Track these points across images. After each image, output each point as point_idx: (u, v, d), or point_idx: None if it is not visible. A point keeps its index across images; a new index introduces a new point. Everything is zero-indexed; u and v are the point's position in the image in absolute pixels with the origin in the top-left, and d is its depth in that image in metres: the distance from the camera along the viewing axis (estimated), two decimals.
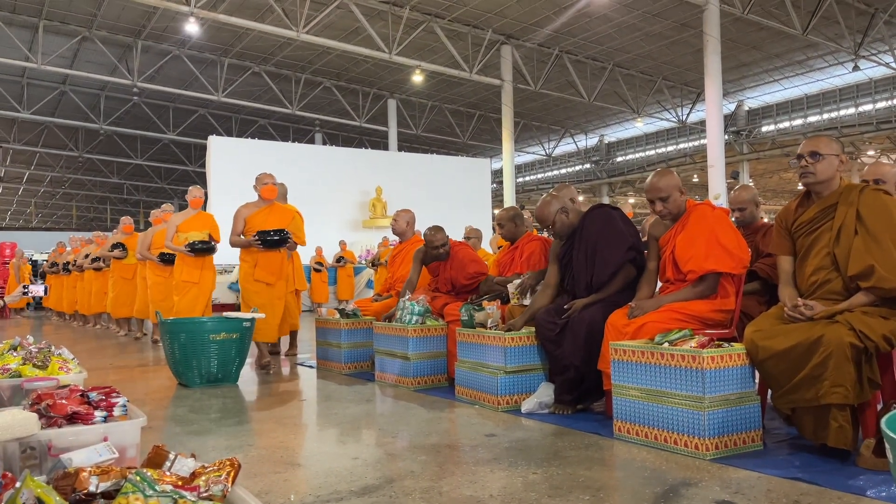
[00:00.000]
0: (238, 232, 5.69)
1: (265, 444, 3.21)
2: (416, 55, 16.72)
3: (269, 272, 5.62)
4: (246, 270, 5.68)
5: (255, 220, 5.69)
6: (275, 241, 5.57)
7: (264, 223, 5.67)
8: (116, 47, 17.23)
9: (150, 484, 1.36)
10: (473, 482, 2.50)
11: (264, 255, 5.63)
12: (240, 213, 5.72)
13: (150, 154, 26.70)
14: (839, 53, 17.78)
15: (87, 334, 10.20)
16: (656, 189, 3.48)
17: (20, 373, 3.15)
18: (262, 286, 5.63)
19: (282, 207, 5.92)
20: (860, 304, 2.73)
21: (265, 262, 5.63)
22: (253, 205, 5.78)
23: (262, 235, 5.53)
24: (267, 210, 5.77)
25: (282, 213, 5.87)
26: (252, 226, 5.67)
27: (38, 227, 37.51)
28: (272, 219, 5.73)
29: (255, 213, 5.72)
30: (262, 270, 5.60)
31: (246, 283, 5.68)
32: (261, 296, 5.62)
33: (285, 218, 5.85)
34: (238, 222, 5.70)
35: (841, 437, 2.59)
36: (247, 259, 5.68)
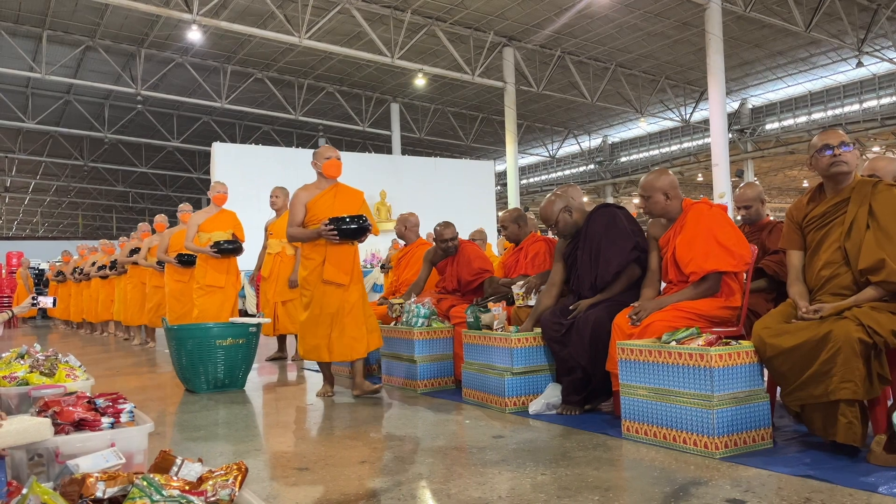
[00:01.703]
0: (298, 222, 4.53)
1: (272, 449, 3.20)
2: (418, 59, 16.74)
3: (341, 270, 4.45)
4: (311, 270, 4.49)
5: (320, 205, 4.51)
6: (352, 231, 4.38)
7: (331, 209, 4.51)
8: (120, 56, 17.30)
9: (157, 489, 1.35)
10: (482, 484, 2.49)
11: (335, 249, 4.45)
12: (298, 199, 4.55)
13: (155, 162, 26.78)
14: (842, 50, 17.73)
15: (94, 342, 10.22)
16: (641, 187, 3.59)
17: (28, 381, 3.16)
18: (332, 290, 4.42)
19: (348, 188, 4.70)
20: (868, 298, 2.71)
21: (337, 258, 4.44)
22: (312, 186, 4.61)
23: (336, 223, 4.36)
24: (332, 192, 4.58)
25: (350, 196, 4.65)
26: (316, 213, 4.49)
27: (45, 237, 37.65)
28: (340, 202, 4.57)
29: (317, 196, 4.54)
30: (332, 268, 4.42)
31: (309, 286, 4.48)
32: (330, 300, 4.43)
33: (355, 201, 4.64)
34: (297, 210, 4.53)
35: (851, 434, 2.57)
36: (312, 255, 4.49)
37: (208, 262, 6.29)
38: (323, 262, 4.44)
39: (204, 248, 6.27)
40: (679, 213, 3.48)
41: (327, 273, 4.41)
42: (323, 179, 4.64)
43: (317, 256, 4.47)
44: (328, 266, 4.42)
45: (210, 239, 6.30)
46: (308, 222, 4.52)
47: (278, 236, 6.58)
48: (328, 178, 4.63)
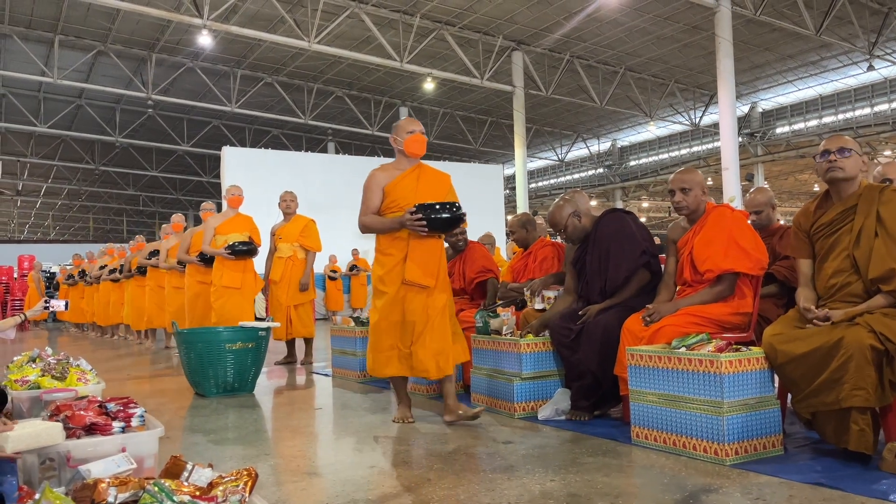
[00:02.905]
0: (373, 209, 3.76)
1: (282, 454, 3.21)
2: (427, 63, 16.77)
3: (426, 270, 3.69)
4: (388, 268, 3.72)
5: (401, 189, 3.75)
6: (445, 221, 3.61)
7: (415, 193, 3.71)
8: (131, 61, 17.42)
9: (167, 494, 1.36)
10: (490, 490, 2.48)
11: (420, 244, 3.69)
12: (374, 181, 3.78)
13: (165, 166, 26.92)
14: (853, 53, 17.64)
15: (104, 345, 10.27)
16: (680, 180, 3.50)
17: (39, 384, 3.17)
18: (414, 293, 3.70)
19: (434, 170, 3.97)
20: (880, 306, 2.69)
21: (421, 255, 3.69)
22: (391, 167, 3.85)
23: (424, 211, 3.55)
24: (415, 173, 3.81)
25: (437, 179, 3.90)
26: (396, 198, 3.73)
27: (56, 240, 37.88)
28: (425, 186, 3.78)
29: (397, 178, 3.77)
30: (415, 267, 3.66)
31: (386, 288, 3.73)
32: (413, 305, 3.68)
33: (442, 185, 3.88)
34: (372, 194, 3.77)
35: (862, 441, 2.56)
36: (390, 250, 3.73)
37: (224, 263, 6.28)
38: (404, 259, 3.67)
39: (219, 250, 6.27)
40: (702, 214, 3.49)
41: (410, 272, 3.65)
42: (404, 158, 3.83)
43: (396, 252, 3.70)
44: (410, 264, 3.65)
45: (226, 241, 6.30)
46: (385, 210, 3.74)
47: (288, 240, 6.60)
48: (410, 156, 3.81)
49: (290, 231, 6.64)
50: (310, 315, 6.70)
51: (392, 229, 3.69)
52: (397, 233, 3.69)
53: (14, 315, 4.23)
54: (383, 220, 3.71)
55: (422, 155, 3.83)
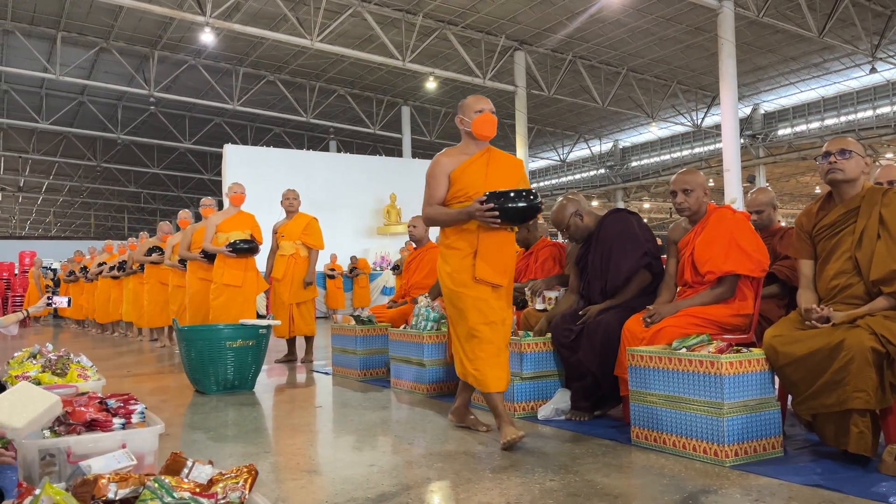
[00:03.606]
0: (439, 198, 3.37)
1: (282, 451, 3.21)
2: (429, 62, 16.77)
3: (496, 268, 3.30)
4: (456, 265, 3.32)
5: (469, 175, 3.35)
6: (520, 211, 3.19)
7: (485, 181, 3.32)
8: (133, 58, 17.43)
9: (168, 491, 1.36)
10: (490, 489, 2.48)
11: (491, 237, 3.30)
12: (439, 167, 3.38)
13: (167, 163, 26.94)
14: (856, 56, 17.63)
15: (104, 342, 10.28)
16: (682, 181, 3.49)
17: (40, 380, 3.18)
18: (485, 292, 3.28)
19: (505, 154, 3.57)
20: (881, 308, 2.69)
21: (492, 250, 3.30)
22: (456, 151, 3.44)
23: (497, 200, 3.14)
24: (484, 158, 3.40)
25: (508, 164, 3.49)
26: (463, 186, 3.33)
27: (58, 236, 37.92)
28: (495, 173, 3.38)
29: (465, 164, 3.37)
30: (485, 264, 3.27)
31: (458, 286, 3.30)
32: (485, 307, 3.27)
33: (515, 171, 3.48)
34: (438, 182, 3.37)
35: (862, 443, 2.56)
36: (458, 244, 3.34)
37: (226, 261, 6.26)
38: (473, 255, 3.28)
39: (220, 247, 6.26)
40: (704, 215, 3.49)
41: (480, 270, 3.24)
42: (471, 141, 3.41)
43: (465, 246, 3.29)
44: (480, 261, 3.26)
45: (228, 239, 6.28)
46: (452, 199, 3.34)
47: (290, 238, 6.60)
48: (479, 138, 3.38)
49: (293, 229, 6.64)
50: (311, 313, 6.71)
51: (460, 221, 3.28)
52: (465, 225, 3.29)
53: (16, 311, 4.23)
54: (449, 212, 3.31)
55: (492, 137, 3.39)
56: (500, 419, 3.20)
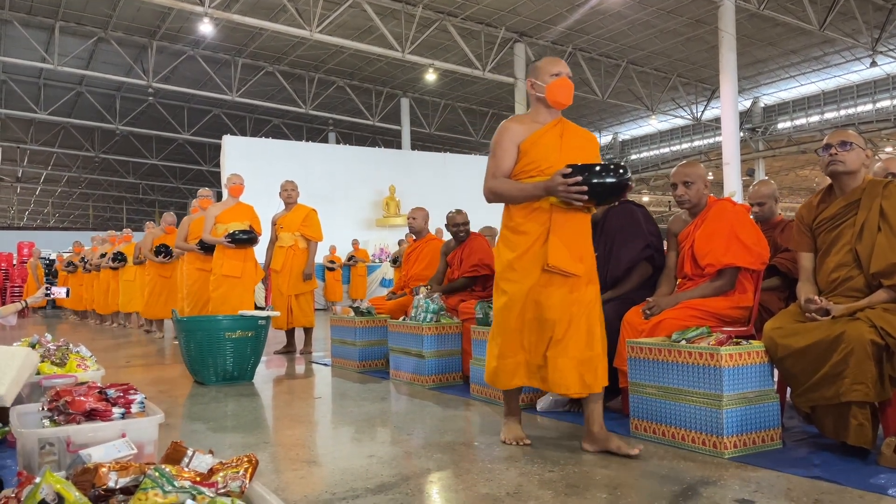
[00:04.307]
0: (505, 170, 2.95)
1: (281, 442, 3.22)
2: (428, 54, 16.72)
3: (572, 253, 2.87)
4: (521, 250, 2.91)
5: (542, 146, 2.92)
6: (609, 187, 2.78)
7: (558, 153, 2.91)
8: (132, 48, 17.36)
9: (168, 480, 1.36)
10: (489, 480, 2.49)
11: (566, 218, 2.87)
12: (508, 135, 2.97)
13: (166, 154, 26.87)
14: (856, 49, 17.59)
15: (104, 332, 10.28)
16: (683, 174, 3.49)
17: (39, 370, 3.17)
18: (557, 283, 2.88)
19: (577, 127, 3.09)
20: (881, 301, 2.69)
21: (568, 233, 2.87)
22: (527, 119, 3.03)
23: (584, 173, 2.72)
24: (558, 129, 2.98)
25: (583, 137, 3.05)
26: (535, 158, 2.90)
27: (56, 227, 37.88)
28: (570, 145, 2.95)
29: (536, 133, 2.94)
30: (560, 249, 2.84)
31: (516, 274, 2.92)
32: (552, 300, 2.87)
33: (590, 145, 3.06)
34: (505, 151, 2.96)
35: (861, 436, 2.56)
36: (526, 227, 2.90)
37: (225, 252, 6.26)
38: (545, 238, 2.85)
39: (219, 238, 6.26)
40: (704, 207, 3.49)
41: (554, 255, 2.81)
42: (543, 108, 2.99)
43: (534, 228, 2.87)
44: (554, 245, 2.82)
45: (227, 230, 6.28)
46: (520, 173, 2.92)
47: (289, 229, 6.59)
48: (554, 105, 2.96)
49: (292, 220, 6.63)
50: (310, 305, 6.70)
51: (532, 198, 2.85)
52: (536, 203, 2.86)
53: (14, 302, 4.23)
54: (522, 186, 2.87)
55: (568, 105, 2.98)
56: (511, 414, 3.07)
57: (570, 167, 2.73)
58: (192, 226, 7.21)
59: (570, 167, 2.73)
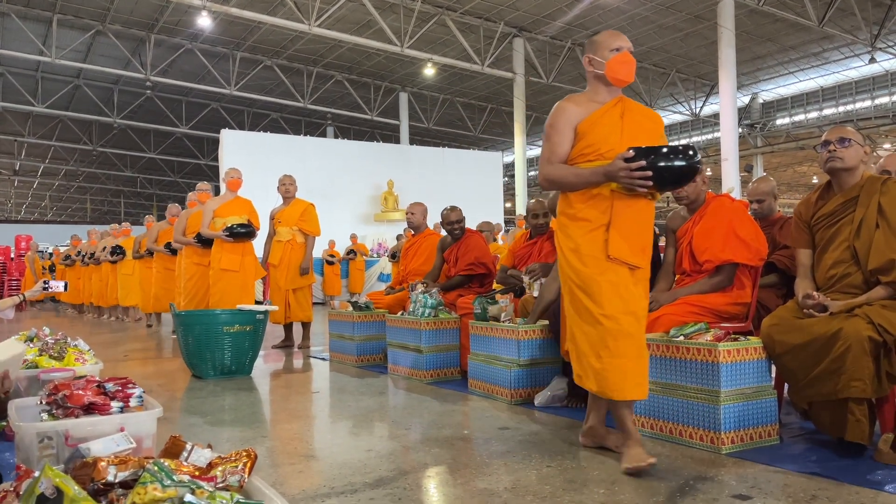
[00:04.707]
0: (562, 155, 2.70)
1: (279, 436, 3.22)
2: (427, 48, 16.68)
3: (633, 244, 2.64)
4: (583, 240, 2.64)
5: (600, 128, 2.66)
6: (678, 172, 2.54)
7: (620, 136, 2.65)
8: (130, 41, 17.30)
9: (167, 474, 1.36)
10: (487, 475, 2.49)
11: (628, 205, 2.63)
12: (565, 116, 2.70)
13: (163, 148, 26.82)
14: (855, 45, 17.60)
15: (101, 326, 10.27)
16: None
17: (37, 364, 3.18)
18: (623, 274, 2.62)
19: (640, 106, 2.82)
20: (879, 297, 2.70)
21: (629, 223, 2.64)
22: (583, 98, 2.76)
23: (648, 156, 2.49)
24: (618, 108, 2.72)
25: (646, 117, 2.79)
26: (593, 141, 2.65)
27: (53, 221, 37.82)
28: (631, 126, 2.69)
29: (595, 114, 2.69)
30: (620, 239, 2.60)
31: (588, 266, 2.62)
32: (626, 293, 2.61)
33: (655, 126, 2.80)
34: (561, 133, 2.70)
35: (858, 432, 2.57)
36: (586, 214, 2.65)
37: (223, 246, 6.27)
38: (606, 227, 2.62)
39: (217, 232, 6.26)
40: (702, 204, 3.49)
41: (615, 246, 2.60)
42: (601, 86, 2.75)
43: (594, 215, 2.63)
44: (615, 235, 2.61)
45: (225, 224, 6.28)
46: (578, 157, 2.67)
47: (287, 224, 6.59)
48: (614, 83, 2.72)
49: (290, 215, 6.63)
50: (308, 299, 6.70)
51: (592, 184, 2.62)
52: (596, 189, 2.63)
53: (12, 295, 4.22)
54: (579, 171, 2.64)
55: (629, 83, 2.74)
56: (627, 435, 2.63)
57: (633, 150, 2.49)
58: (191, 220, 7.19)
59: (632, 150, 2.50)
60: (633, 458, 2.51)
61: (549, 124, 2.73)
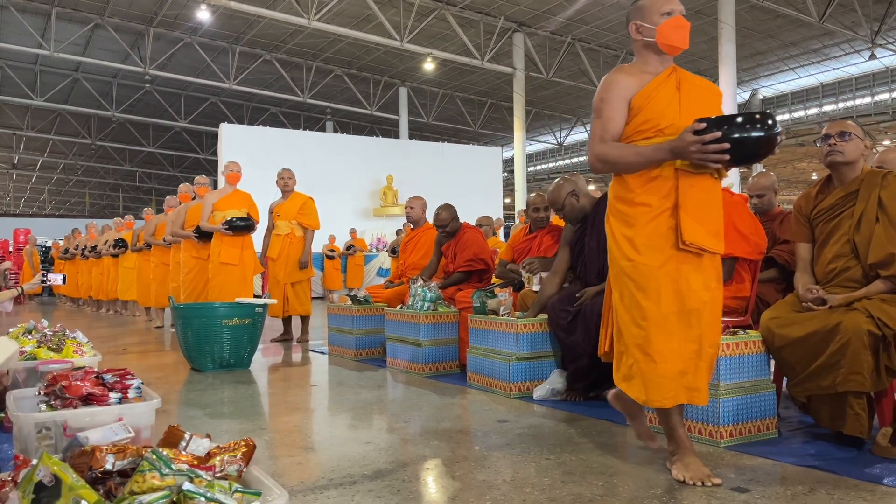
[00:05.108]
0: (616, 132, 2.41)
1: (278, 429, 3.22)
2: (427, 43, 16.65)
3: (708, 228, 2.38)
4: (643, 228, 2.36)
5: (657, 100, 2.38)
6: (756, 144, 2.26)
7: (678, 109, 2.38)
8: (129, 34, 17.25)
9: (166, 462, 1.36)
10: (486, 467, 2.49)
11: (695, 185, 2.36)
12: (617, 88, 2.41)
13: (162, 142, 26.78)
14: (855, 42, 17.58)
15: (100, 319, 10.27)
16: None
17: (35, 355, 3.17)
18: (684, 266, 2.36)
19: (693, 76, 2.52)
20: (878, 291, 2.70)
21: (700, 204, 2.36)
22: (635, 70, 2.46)
23: (722, 126, 2.21)
24: (672, 79, 2.44)
25: (704, 89, 2.50)
26: (650, 114, 2.37)
27: (52, 214, 37.76)
28: (689, 98, 2.41)
29: (650, 86, 2.39)
30: (694, 223, 2.33)
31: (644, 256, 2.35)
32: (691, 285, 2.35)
33: (713, 97, 2.50)
34: (614, 110, 2.41)
35: (857, 426, 2.57)
36: (645, 197, 2.37)
37: (223, 239, 6.27)
38: (672, 211, 2.34)
39: (216, 226, 6.27)
40: None
41: (689, 230, 2.31)
42: (653, 55, 2.45)
43: (655, 200, 2.35)
44: (686, 218, 2.32)
45: (224, 217, 6.29)
46: (633, 134, 2.39)
47: (285, 217, 6.58)
48: (665, 50, 2.43)
49: (289, 209, 6.62)
50: (306, 293, 6.70)
51: (654, 162, 2.33)
52: (656, 170, 2.35)
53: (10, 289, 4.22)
54: (641, 150, 2.34)
55: (684, 49, 2.44)
56: (679, 446, 2.38)
57: (704, 121, 2.22)
58: (189, 214, 7.20)
59: (702, 121, 2.22)
60: (690, 467, 2.31)
61: (600, 98, 2.43)
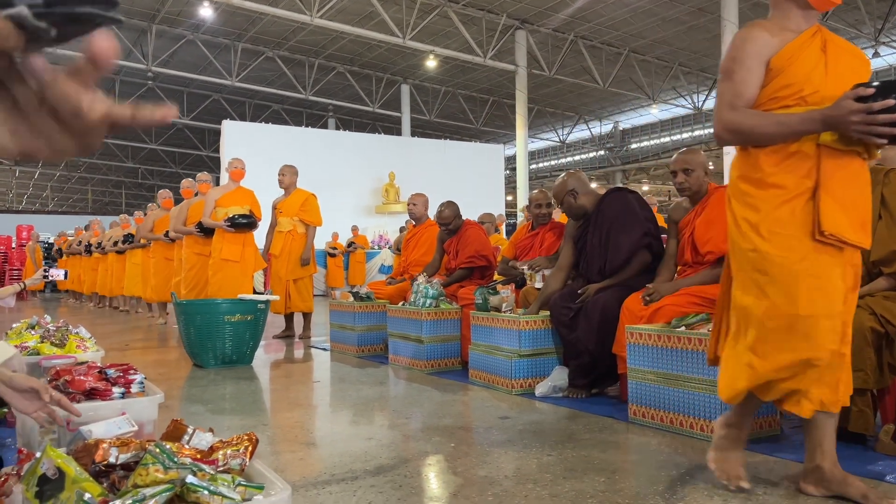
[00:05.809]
0: (750, 97, 2.05)
1: (280, 424, 3.22)
2: (429, 40, 16.64)
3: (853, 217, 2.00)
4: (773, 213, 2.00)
5: (801, 63, 2.02)
6: None
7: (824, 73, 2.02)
8: (131, 31, 17.26)
9: (169, 456, 1.36)
10: (487, 463, 2.50)
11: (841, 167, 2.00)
12: (753, 46, 2.04)
13: (165, 139, 26.80)
14: (859, 40, 17.53)
15: (103, 315, 10.29)
16: (683, 161, 3.48)
17: (39, 351, 3.18)
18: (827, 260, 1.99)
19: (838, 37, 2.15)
20: (881, 289, 2.70)
21: (846, 189, 1.99)
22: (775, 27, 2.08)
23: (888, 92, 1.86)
24: (818, 38, 2.06)
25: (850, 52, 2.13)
26: (792, 78, 2.01)
27: (55, 211, 37.81)
28: (836, 62, 2.05)
29: (792, 46, 2.03)
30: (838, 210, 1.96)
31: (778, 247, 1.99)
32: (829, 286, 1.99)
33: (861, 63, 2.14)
34: (748, 71, 2.05)
35: (860, 422, 2.57)
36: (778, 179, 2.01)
37: (224, 236, 6.27)
38: (811, 194, 1.98)
39: (219, 222, 6.27)
40: (704, 195, 3.49)
41: (829, 219, 1.95)
42: (795, 11, 2.08)
43: (791, 181, 1.99)
44: (828, 203, 1.96)
45: (227, 214, 6.29)
46: (770, 100, 2.03)
47: (288, 214, 6.58)
48: (817, 7, 2.08)
49: (291, 205, 6.62)
50: (309, 290, 6.70)
51: (798, 133, 1.96)
52: (795, 145, 1.98)
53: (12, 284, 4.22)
54: (783, 119, 1.97)
55: (837, 5, 2.10)
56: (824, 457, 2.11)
57: (871, 86, 1.84)
58: (191, 210, 7.20)
59: (867, 86, 1.85)
60: (861, 491, 2.01)
61: (731, 57, 2.05)
